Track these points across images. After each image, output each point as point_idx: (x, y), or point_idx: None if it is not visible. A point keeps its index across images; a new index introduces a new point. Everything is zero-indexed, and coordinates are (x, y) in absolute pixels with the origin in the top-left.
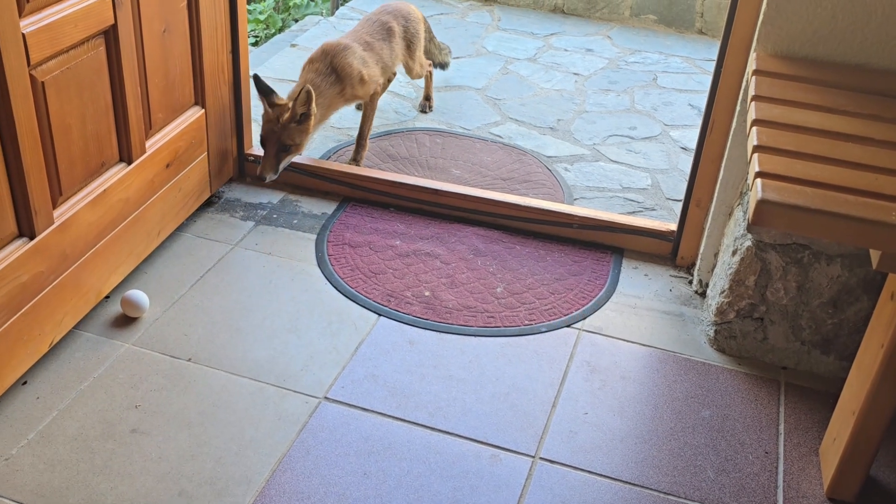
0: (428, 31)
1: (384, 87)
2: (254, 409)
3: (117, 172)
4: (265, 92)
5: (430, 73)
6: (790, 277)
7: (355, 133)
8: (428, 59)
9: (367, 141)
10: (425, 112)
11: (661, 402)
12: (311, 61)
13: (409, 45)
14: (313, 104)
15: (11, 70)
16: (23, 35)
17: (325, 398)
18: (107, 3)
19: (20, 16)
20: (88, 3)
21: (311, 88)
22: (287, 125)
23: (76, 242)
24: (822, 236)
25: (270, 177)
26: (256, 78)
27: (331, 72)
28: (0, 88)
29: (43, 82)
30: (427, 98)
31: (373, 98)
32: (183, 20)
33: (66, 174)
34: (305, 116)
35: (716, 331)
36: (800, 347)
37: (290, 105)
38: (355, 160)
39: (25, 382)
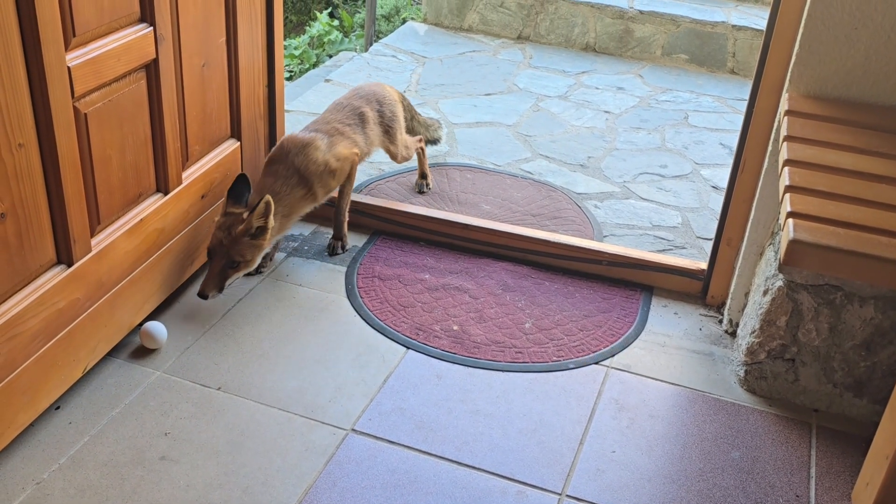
0: (409, 109)
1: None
2: (281, 439)
3: (154, 202)
4: (236, 196)
5: (423, 149)
6: (822, 318)
7: (387, 167)
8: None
9: (346, 220)
10: (423, 192)
11: (690, 442)
12: (269, 162)
13: (388, 131)
14: (271, 217)
15: (56, 101)
16: (68, 68)
17: (353, 430)
18: (149, 39)
19: (66, 49)
20: (132, 38)
21: (270, 199)
22: (239, 238)
23: (112, 270)
24: (854, 277)
25: (213, 295)
26: (242, 177)
27: (292, 173)
28: (44, 119)
29: (86, 114)
30: (423, 176)
31: (351, 173)
32: (222, 55)
33: (104, 203)
34: (262, 230)
35: (746, 371)
36: (832, 390)
37: (245, 216)
38: (336, 242)
39: (59, 407)
